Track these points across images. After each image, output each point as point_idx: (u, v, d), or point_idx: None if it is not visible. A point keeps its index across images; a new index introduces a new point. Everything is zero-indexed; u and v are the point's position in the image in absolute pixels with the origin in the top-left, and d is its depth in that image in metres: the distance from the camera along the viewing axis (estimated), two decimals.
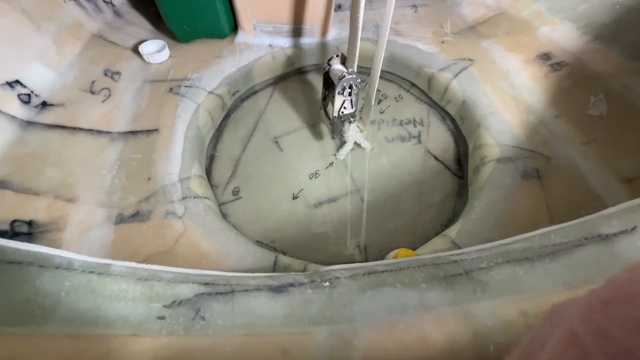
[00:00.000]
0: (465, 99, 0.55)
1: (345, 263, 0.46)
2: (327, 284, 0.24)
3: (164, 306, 0.18)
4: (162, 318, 0.18)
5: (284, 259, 0.38)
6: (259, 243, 0.46)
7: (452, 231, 0.41)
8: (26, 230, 0.36)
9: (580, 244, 0.24)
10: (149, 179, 0.42)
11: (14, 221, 0.36)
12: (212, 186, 0.51)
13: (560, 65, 0.57)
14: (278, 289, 0.23)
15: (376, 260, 0.46)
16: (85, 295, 0.17)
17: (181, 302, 0.19)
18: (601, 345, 0.12)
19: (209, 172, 0.52)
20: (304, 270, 0.37)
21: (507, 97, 0.54)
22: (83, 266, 0.18)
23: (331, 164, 0.54)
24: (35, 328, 0.15)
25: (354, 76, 0.45)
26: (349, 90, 0.48)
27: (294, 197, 0.51)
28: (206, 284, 0.21)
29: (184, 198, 0.41)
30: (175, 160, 0.45)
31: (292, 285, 0.24)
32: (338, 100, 0.48)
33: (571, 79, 0.55)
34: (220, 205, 0.49)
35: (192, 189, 0.42)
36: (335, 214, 0.50)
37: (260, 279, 0.24)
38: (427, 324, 0.23)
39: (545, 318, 0.16)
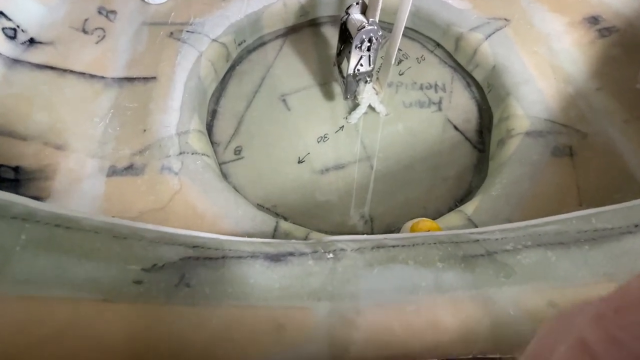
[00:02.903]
0: (496, 64, 0.49)
1: (350, 234, 0.44)
2: (331, 255, 0.22)
3: (143, 269, 0.16)
4: (139, 282, 0.15)
5: (285, 225, 0.35)
6: (260, 207, 0.43)
7: (469, 207, 0.38)
8: (12, 177, 0.34)
9: (628, 231, 0.21)
10: (145, 130, 0.39)
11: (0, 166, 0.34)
12: (213, 143, 0.47)
13: (610, 31, 0.50)
14: (276, 258, 0.20)
15: (383, 232, 0.43)
16: (47, 252, 0.15)
17: (163, 265, 0.16)
18: (611, 352, 0.12)
19: (210, 128, 0.49)
20: (306, 238, 0.34)
21: (545, 64, 0.48)
22: (48, 218, 0.15)
23: (341, 127, 0.50)
24: None
25: (375, 27, 0.40)
26: (368, 45, 0.42)
27: (300, 161, 0.48)
28: (195, 247, 0.18)
29: (181, 153, 0.38)
30: (174, 112, 0.41)
31: (292, 254, 0.21)
32: (355, 55, 0.43)
33: (620, 47, 0.49)
34: (220, 164, 0.46)
35: (191, 144, 0.39)
36: (342, 182, 0.46)
37: (256, 245, 0.21)
38: (441, 307, 0.21)
39: (551, 325, 0.15)
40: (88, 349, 0.14)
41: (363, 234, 0.43)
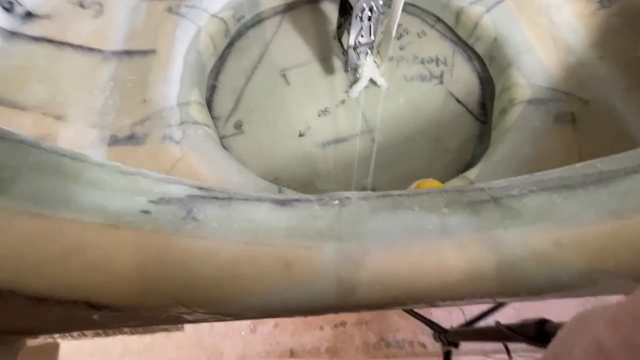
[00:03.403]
0: (498, 36, 0.49)
1: None
2: (337, 202, 0.22)
3: (150, 201, 0.16)
4: (146, 212, 0.15)
5: (288, 192, 0.35)
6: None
7: (472, 173, 0.38)
8: None
9: (633, 170, 0.21)
10: (145, 101, 0.39)
11: None
12: (213, 118, 0.47)
13: (611, 2, 0.49)
14: (282, 202, 0.20)
15: None
16: (54, 176, 0.14)
17: (170, 200, 0.16)
18: (626, 356, 0.12)
19: (209, 103, 0.49)
20: None
21: (546, 35, 0.48)
22: (54, 149, 0.15)
23: (342, 101, 0.50)
24: None
25: None
26: (369, 15, 0.42)
27: (300, 135, 0.47)
28: (200, 188, 0.18)
29: (182, 123, 0.38)
30: (174, 84, 0.41)
31: (297, 200, 0.21)
32: (355, 25, 0.43)
33: (622, 17, 0.48)
34: (221, 138, 0.46)
35: (191, 114, 0.39)
36: (343, 155, 0.46)
37: (262, 194, 0.21)
38: (447, 249, 0.21)
39: (570, 326, 0.16)
40: (97, 271, 0.14)
41: None
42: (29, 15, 0.42)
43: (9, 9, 0.41)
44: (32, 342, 0.25)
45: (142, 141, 0.36)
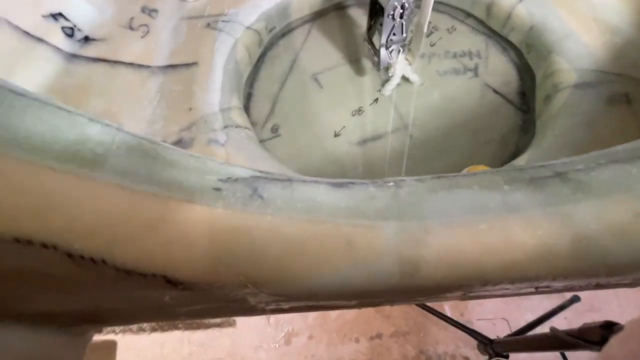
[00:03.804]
0: (534, 24, 0.48)
1: None
2: (392, 184, 0.21)
3: (219, 179, 0.17)
4: (218, 190, 0.16)
5: None
6: None
7: (520, 161, 0.36)
8: None
9: None
10: (190, 109, 0.41)
11: None
12: (251, 123, 0.49)
13: None
14: (338, 184, 0.20)
15: None
16: (137, 154, 0.15)
17: (237, 179, 0.17)
18: None
19: (246, 109, 0.50)
20: None
21: (586, 18, 0.46)
22: (132, 134, 0.16)
23: (376, 100, 0.50)
24: (87, 172, 0.14)
25: None
26: (401, 12, 0.43)
27: (336, 135, 0.48)
28: (260, 171, 0.19)
29: (225, 127, 0.40)
30: (215, 92, 0.43)
31: (352, 183, 0.21)
32: (387, 24, 0.44)
33: None
34: (259, 142, 0.47)
35: (233, 118, 0.41)
36: (380, 152, 0.46)
37: (317, 178, 0.21)
38: (514, 225, 0.20)
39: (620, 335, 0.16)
40: (175, 245, 0.15)
41: None
42: (87, 39, 0.47)
43: (70, 35, 0.45)
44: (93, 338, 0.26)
45: (189, 145, 0.38)
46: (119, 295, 0.16)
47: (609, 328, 0.43)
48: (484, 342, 0.85)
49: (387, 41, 0.45)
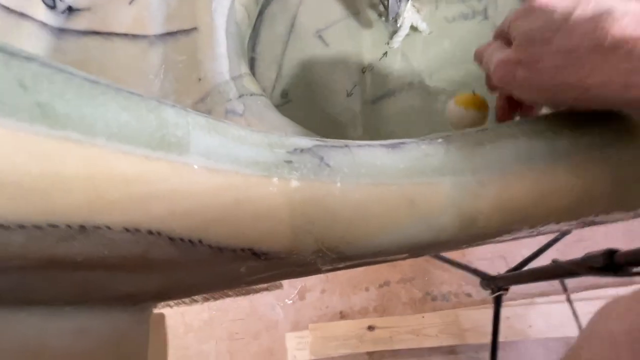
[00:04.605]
0: None
1: None
2: (441, 140, 0.22)
3: (288, 152, 0.17)
4: (289, 162, 0.16)
5: None
6: None
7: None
8: None
9: None
10: (200, 79, 0.39)
11: None
12: None
13: None
14: (391, 146, 0.21)
15: None
16: (211, 133, 0.15)
17: (302, 150, 0.17)
18: (631, 343, 0.12)
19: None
20: None
21: None
22: (196, 112, 0.16)
23: (385, 54, 0.48)
24: (176, 156, 0.14)
25: None
26: None
27: (348, 95, 0.47)
28: (317, 139, 0.19)
29: (240, 96, 0.38)
30: (223, 58, 0.41)
31: (403, 143, 0.21)
32: None
33: None
34: None
35: (247, 86, 0.39)
36: (395, 109, 0.46)
37: (369, 142, 0.22)
38: (560, 171, 0.21)
39: (593, 319, 0.16)
40: (260, 220, 0.15)
41: None
42: (70, 10, 0.43)
43: (52, 6, 0.41)
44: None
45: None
46: (204, 272, 0.17)
47: (611, 255, 0.47)
48: (487, 279, 0.92)
49: None
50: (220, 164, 0.15)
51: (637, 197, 0.21)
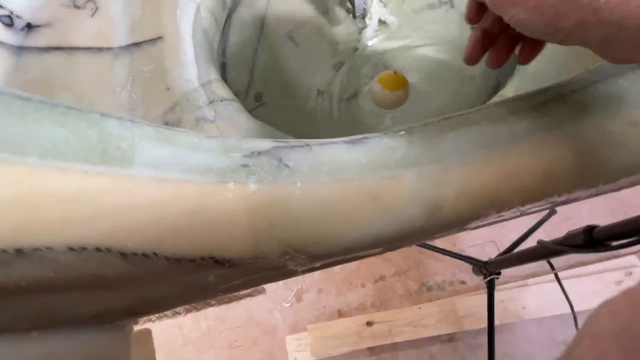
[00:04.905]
0: None
1: None
2: (403, 132, 0.22)
3: (244, 155, 0.16)
4: (246, 166, 0.16)
5: None
6: None
7: (509, 91, 0.37)
8: None
9: None
10: (168, 88, 0.39)
11: None
12: None
13: None
14: (353, 142, 0.21)
15: None
16: (160, 143, 0.15)
17: (260, 152, 0.17)
18: (622, 341, 0.13)
19: (224, 80, 0.48)
20: None
21: None
22: (145, 122, 0.16)
23: (355, 50, 0.48)
24: (120, 169, 0.14)
25: None
26: None
27: (319, 93, 0.47)
28: (277, 141, 0.19)
29: (210, 102, 0.38)
30: (190, 65, 0.40)
31: (365, 138, 0.21)
32: None
33: None
34: None
35: (216, 92, 0.39)
36: (370, 104, 0.46)
37: (330, 139, 0.21)
38: (522, 152, 0.21)
39: (585, 321, 0.16)
40: (217, 227, 0.15)
41: None
42: (29, 26, 0.42)
43: (9, 24, 0.40)
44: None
45: (177, 127, 0.37)
46: (167, 284, 0.16)
47: (590, 231, 0.48)
48: (479, 265, 0.93)
49: None
50: (170, 173, 0.14)
51: (597, 173, 0.21)
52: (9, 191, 0.11)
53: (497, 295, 0.94)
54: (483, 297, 0.99)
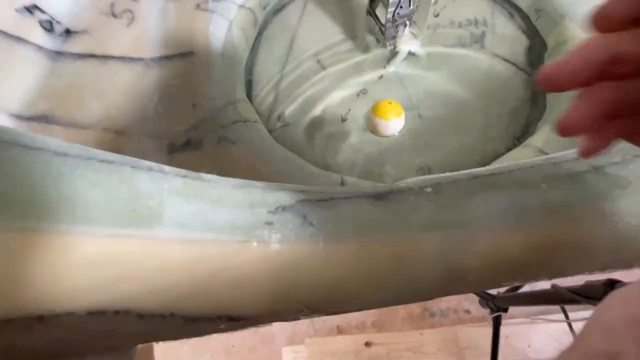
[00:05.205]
0: None
1: None
2: (430, 189, 0.21)
3: (269, 212, 0.16)
4: (270, 224, 0.16)
5: (351, 180, 0.35)
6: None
7: (538, 140, 0.36)
8: None
9: None
10: (194, 105, 0.39)
11: None
12: (257, 114, 0.47)
13: None
14: (378, 197, 0.20)
15: None
16: (188, 198, 0.15)
17: (285, 207, 0.17)
18: (633, 333, 0.12)
19: (249, 99, 0.48)
20: None
21: None
22: (174, 171, 0.16)
23: (381, 77, 0.48)
24: (146, 231, 0.13)
25: None
26: None
27: (343, 120, 0.47)
28: (302, 191, 0.18)
29: (234, 123, 0.38)
30: (217, 83, 0.41)
31: (390, 192, 0.21)
32: None
33: None
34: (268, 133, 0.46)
35: (241, 112, 0.39)
36: (390, 136, 0.45)
37: (353, 188, 0.21)
38: (554, 225, 0.20)
39: (595, 312, 0.15)
40: (237, 287, 0.15)
41: None
42: (68, 32, 0.43)
43: (50, 29, 0.41)
44: None
45: (199, 146, 0.37)
46: (184, 334, 0.16)
47: (611, 286, 0.46)
48: (486, 298, 0.90)
49: (393, 15, 0.42)
50: (196, 233, 0.14)
51: (634, 253, 0.20)
52: (37, 260, 0.11)
53: (503, 330, 0.91)
54: (487, 330, 0.96)
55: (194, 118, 0.39)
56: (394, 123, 0.34)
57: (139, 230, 0.13)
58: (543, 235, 0.20)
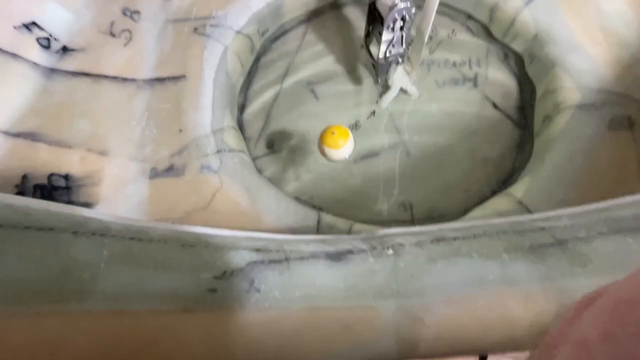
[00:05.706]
0: (538, 32, 0.46)
1: (390, 222, 0.43)
2: (391, 251, 0.21)
3: (215, 277, 0.16)
4: (213, 291, 0.16)
5: (328, 218, 0.35)
6: (297, 199, 0.43)
7: (518, 190, 0.36)
8: (64, 185, 0.35)
9: None
10: (180, 130, 0.39)
11: (51, 175, 0.35)
12: (245, 139, 0.47)
13: None
14: (336, 257, 0.20)
15: (424, 219, 0.42)
16: (128, 266, 0.15)
17: (232, 272, 0.16)
18: (607, 350, 0.11)
19: (240, 123, 0.49)
20: (350, 230, 0.34)
21: (594, 28, 0.44)
22: (122, 231, 0.16)
23: (373, 113, 0.48)
24: (75, 305, 0.13)
25: (408, 5, 0.38)
26: (401, 24, 0.40)
27: None
28: (257, 250, 0.18)
29: (218, 151, 0.38)
30: (206, 109, 0.41)
31: (351, 252, 0.21)
32: (386, 36, 0.41)
33: None
34: (253, 159, 0.46)
35: (226, 141, 0.39)
36: (377, 169, 0.45)
37: (314, 244, 0.21)
38: (512, 301, 0.20)
39: (568, 317, 0.15)
40: (178, 355, 0.14)
41: (404, 221, 0.42)
42: (65, 49, 0.44)
43: (47, 46, 0.42)
44: None
45: (182, 172, 0.37)
46: None
47: None
48: None
49: (385, 53, 0.43)
50: (130, 304, 0.14)
51: None
52: None
53: None
54: None
55: (179, 143, 0.39)
56: (343, 150, 0.34)
57: (66, 305, 0.13)
58: (499, 312, 0.19)
